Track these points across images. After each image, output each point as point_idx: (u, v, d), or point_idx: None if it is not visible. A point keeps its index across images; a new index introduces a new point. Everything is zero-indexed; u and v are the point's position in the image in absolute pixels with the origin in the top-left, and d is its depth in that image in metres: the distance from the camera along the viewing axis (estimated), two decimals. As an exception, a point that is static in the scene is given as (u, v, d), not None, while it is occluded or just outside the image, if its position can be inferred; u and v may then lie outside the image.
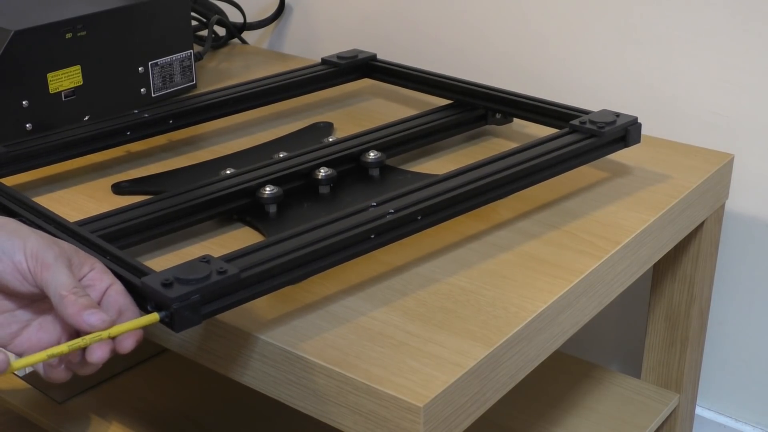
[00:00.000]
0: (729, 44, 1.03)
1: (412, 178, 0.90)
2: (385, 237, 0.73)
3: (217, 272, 0.62)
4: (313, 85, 1.09)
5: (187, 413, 1.05)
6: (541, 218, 0.84)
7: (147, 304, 0.62)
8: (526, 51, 1.19)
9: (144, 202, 0.80)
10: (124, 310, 0.61)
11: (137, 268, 0.65)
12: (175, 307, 0.59)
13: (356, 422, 0.64)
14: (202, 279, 0.61)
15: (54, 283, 0.59)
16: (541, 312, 0.71)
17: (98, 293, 0.62)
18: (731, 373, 1.15)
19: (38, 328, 0.63)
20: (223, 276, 0.62)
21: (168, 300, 0.60)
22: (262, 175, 0.85)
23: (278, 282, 0.66)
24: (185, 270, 0.62)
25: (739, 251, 1.10)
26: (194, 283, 0.61)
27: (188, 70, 1.11)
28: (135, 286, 0.63)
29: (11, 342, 0.63)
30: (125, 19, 1.02)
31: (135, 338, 0.60)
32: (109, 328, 0.58)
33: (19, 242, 0.60)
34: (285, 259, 0.66)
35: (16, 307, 0.63)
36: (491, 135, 1.02)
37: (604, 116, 0.90)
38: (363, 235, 0.71)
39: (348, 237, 0.70)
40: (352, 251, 0.71)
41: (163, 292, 0.60)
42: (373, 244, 0.72)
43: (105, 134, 0.93)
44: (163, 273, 0.62)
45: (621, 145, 0.90)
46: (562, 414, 1.02)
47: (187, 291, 0.60)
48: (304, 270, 0.68)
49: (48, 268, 0.59)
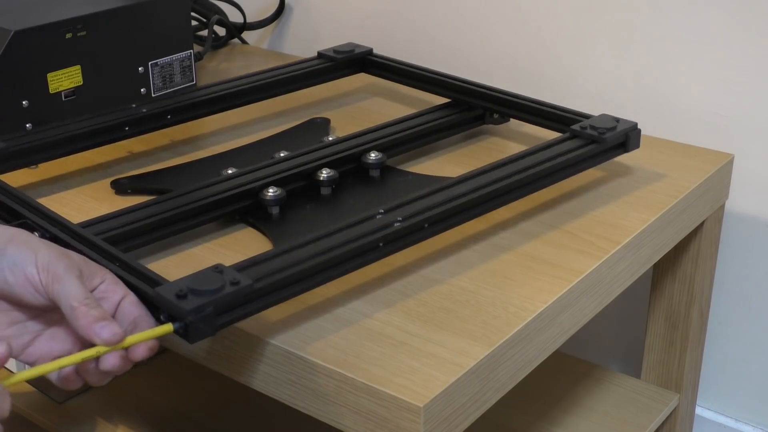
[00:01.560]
0: (729, 44, 1.03)
1: (413, 179, 0.90)
2: (393, 246, 0.73)
3: (231, 283, 0.62)
4: (310, 80, 1.09)
5: (187, 413, 1.05)
6: (541, 218, 0.84)
7: (159, 314, 0.62)
8: (526, 51, 1.19)
9: (147, 204, 0.80)
10: (138, 322, 0.61)
11: (149, 277, 0.65)
12: (190, 320, 0.60)
13: (356, 422, 0.64)
14: (216, 290, 0.61)
15: (65, 295, 0.59)
16: (541, 312, 0.71)
17: (112, 305, 0.62)
18: (731, 373, 1.15)
19: (50, 338, 0.63)
20: (236, 287, 0.62)
21: (183, 312, 0.60)
22: (264, 176, 0.85)
23: (290, 292, 0.67)
24: (199, 281, 0.62)
25: (739, 251, 1.10)
26: (208, 294, 0.61)
27: (188, 70, 1.11)
28: (147, 295, 0.63)
29: (23, 352, 0.62)
30: (125, 19, 1.02)
31: (148, 347, 0.60)
32: (122, 340, 0.58)
33: (31, 254, 0.60)
34: (296, 269, 0.67)
35: (27, 318, 0.63)
36: (489, 134, 1.03)
37: (604, 121, 0.90)
38: (372, 243, 0.71)
39: (357, 246, 0.70)
40: (362, 260, 0.71)
41: (178, 304, 0.60)
42: (381, 252, 0.72)
43: (103, 130, 0.93)
44: (176, 283, 0.62)
45: (621, 151, 0.90)
46: (562, 414, 1.02)
47: (202, 303, 0.60)
48: (315, 279, 0.68)
49: (59, 280, 0.59)
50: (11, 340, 0.62)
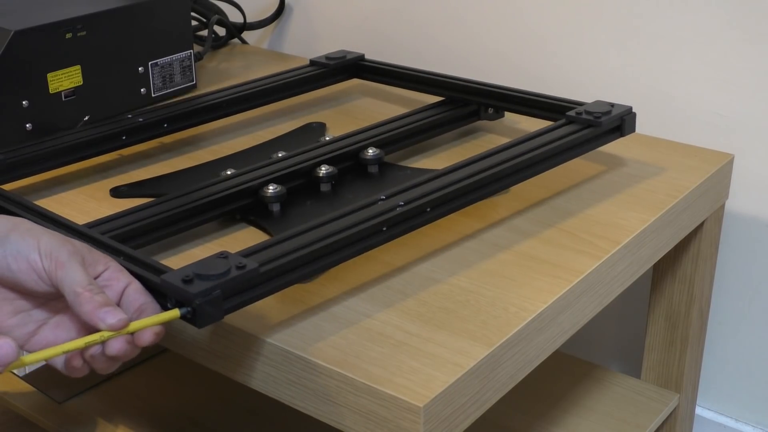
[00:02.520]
0: (729, 44, 1.03)
1: (411, 174, 0.90)
2: (396, 229, 0.73)
3: (237, 267, 0.62)
4: (303, 87, 1.09)
5: (187, 413, 1.05)
6: (540, 218, 0.84)
7: (166, 301, 0.62)
8: (525, 52, 1.19)
9: (148, 204, 0.80)
10: (144, 309, 0.61)
11: (154, 267, 0.65)
12: (198, 303, 0.60)
13: (356, 422, 0.64)
14: (222, 274, 0.61)
15: (69, 281, 0.59)
16: (541, 312, 0.71)
17: (116, 293, 0.62)
18: (731, 373, 1.15)
19: (55, 326, 0.63)
20: (242, 271, 0.62)
21: (190, 296, 0.60)
22: (264, 174, 0.85)
23: (296, 276, 0.67)
24: (204, 266, 0.62)
25: (739, 251, 1.10)
26: (215, 278, 0.61)
27: (188, 70, 1.11)
28: (153, 284, 0.63)
29: (28, 341, 0.62)
30: (125, 19, 1.02)
31: (154, 332, 0.60)
32: (126, 326, 0.58)
33: (33, 241, 0.60)
34: (302, 253, 0.67)
35: (32, 306, 0.63)
36: (484, 130, 1.03)
37: (600, 106, 0.91)
38: (375, 227, 0.71)
39: (361, 230, 0.70)
40: (366, 244, 0.71)
41: (185, 288, 0.60)
42: (385, 236, 0.72)
43: (100, 139, 0.93)
44: (182, 270, 0.62)
45: (617, 135, 0.91)
46: (562, 414, 1.02)
47: (209, 287, 0.60)
48: (321, 263, 0.69)
49: (62, 266, 0.59)
50: (16, 330, 0.62)
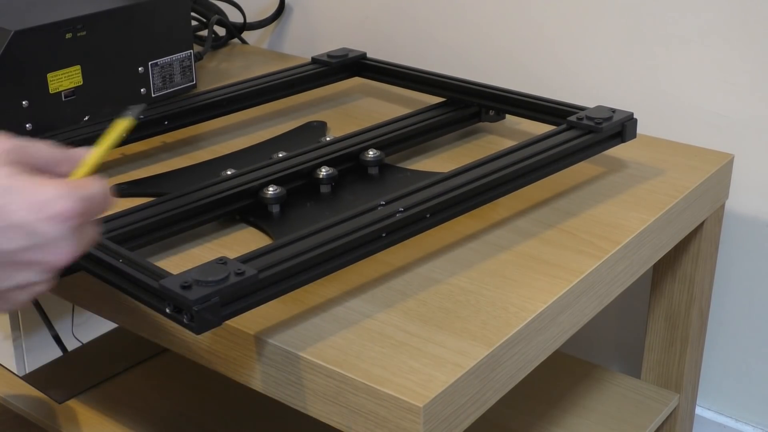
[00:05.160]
0: (729, 44, 1.03)
1: (411, 176, 0.90)
2: (396, 235, 0.73)
3: (235, 273, 0.62)
4: (304, 85, 1.09)
5: (187, 413, 1.05)
6: (540, 218, 0.84)
7: (165, 306, 0.62)
8: (527, 52, 1.19)
9: (147, 204, 0.80)
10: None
11: (153, 271, 0.65)
12: (196, 309, 0.60)
13: (356, 422, 0.64)
14: (220, 281, 0.61)
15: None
16: (541, 312, 0.71)
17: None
18: (731, 373, 1.15)
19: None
20: (241, 277, 0.62)
21: (189, 302, 0.60)
22: (264, 175, 0.85)
23: (295, 282, 0.67)
24: (203, 272, 0.62)
25: (739, 251, 1.10)
26: (213, 284, 0.61)
27: (188, 70, 1.11)
28: (152, 288, 0.63)
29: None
30: (125, 19, 1.02)
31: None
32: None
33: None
34: (300, 259, 0.67)
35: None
36: (485, 132, 1.03)
37: (601, 112, 0.90)
38: (375, 233, 0.71)
39: (360, 236, 0.70)
40: (365, 250, 0.71)
41: (183, 294, 0.60)
42: (384, 242, 0.72)
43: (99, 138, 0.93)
44: (181, 275, 0.62)
45: (618, 141, 0.91)
46: (562, 414, 1.02)
47: (207, 293, 0.60)
48: (319, 270, 0.69)
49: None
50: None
